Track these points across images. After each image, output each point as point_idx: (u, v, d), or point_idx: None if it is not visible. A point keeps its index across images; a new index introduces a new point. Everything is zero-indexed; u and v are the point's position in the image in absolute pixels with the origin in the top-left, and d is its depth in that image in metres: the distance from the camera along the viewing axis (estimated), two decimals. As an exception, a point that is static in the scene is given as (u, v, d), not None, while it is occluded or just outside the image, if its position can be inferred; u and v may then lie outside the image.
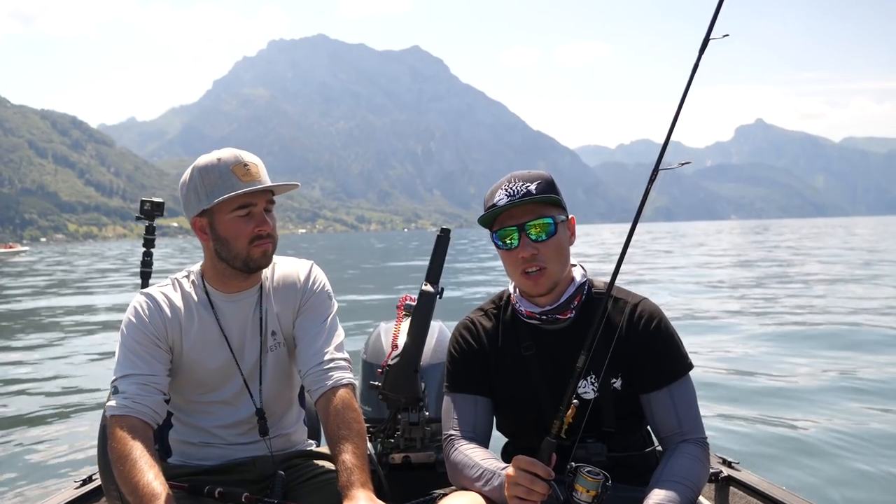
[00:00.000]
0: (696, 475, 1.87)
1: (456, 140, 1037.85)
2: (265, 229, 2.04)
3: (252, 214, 2.02)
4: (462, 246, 61.76)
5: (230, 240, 2.03)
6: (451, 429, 2.06)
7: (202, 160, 2.03)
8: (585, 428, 1.90)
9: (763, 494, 2.62)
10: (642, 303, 2.05)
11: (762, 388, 7.47)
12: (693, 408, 1.98)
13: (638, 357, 1.98)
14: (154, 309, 2.09)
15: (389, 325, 3.09)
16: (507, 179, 1.99)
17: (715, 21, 1.80)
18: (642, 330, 2.00)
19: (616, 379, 1.99)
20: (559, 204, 1.99)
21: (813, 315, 13.40)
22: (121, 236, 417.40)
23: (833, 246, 43.25)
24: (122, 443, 1.89)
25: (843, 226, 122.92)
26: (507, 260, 2.01)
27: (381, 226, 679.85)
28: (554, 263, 1.97)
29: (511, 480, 1.73)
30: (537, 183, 1.96)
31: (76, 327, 15.33)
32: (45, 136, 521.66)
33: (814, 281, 20.44)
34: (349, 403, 2.03)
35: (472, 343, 2.11)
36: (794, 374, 8.01)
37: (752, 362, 8.88)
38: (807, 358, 9.00)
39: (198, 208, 2.02)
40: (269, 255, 2.08)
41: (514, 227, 1.95)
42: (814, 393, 7.07)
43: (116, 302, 20.45)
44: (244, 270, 2.08)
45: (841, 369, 8.16)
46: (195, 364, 2.12)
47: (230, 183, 1.98)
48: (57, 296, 24.37)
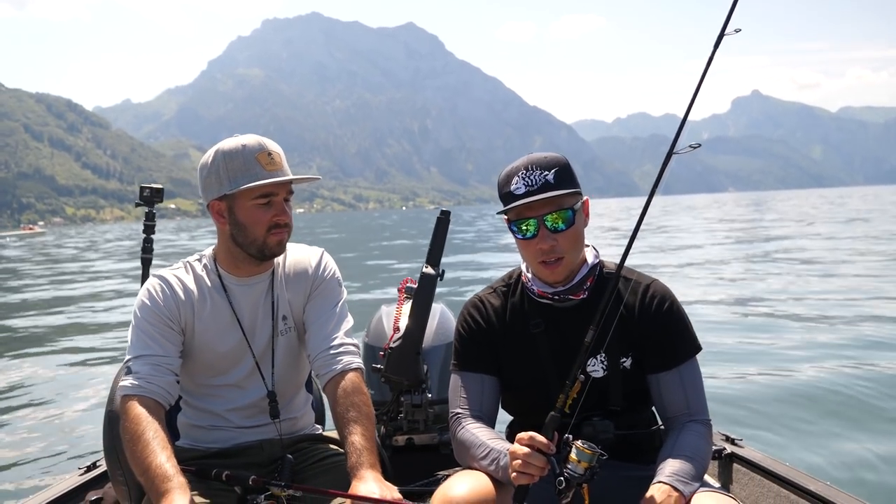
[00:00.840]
0: (704, 452, 1.91)
1: (452, 117, 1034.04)
2: (283, 219, 2.06)
3: (272, 203, 2.04)
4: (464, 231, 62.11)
5: (248, 226, 2.05)
6: (457, 407, 2.08)
7: (227, 144, 2.05)
8: (593, 406, 1.93)
9: (766, 470, 2.64)
10: (654, 284, 2.06)
11: (766, 362, 7.48)
12: (700, 389, 2.00)
13: (649, 337, 1.99)
14: (167, 291, 2.11)
15: (391, 307, 3.07)
16: (523, 166, 1.97)
17: (729, 20, 1.85)
18: (654, 311, 2.01)
19: (626, 358, 2.00)
20: (578, 191, 1.98)
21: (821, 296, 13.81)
22: (118, 219, 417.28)
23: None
24: (136, 423, 1.90)
25: (841, 196, 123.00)
26: (524, 248, 2.01)
27: (380, 204, 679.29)
28: (571, 252, 1.98)
29: (511, 455, 1.75)
30: (555, 171, 1.95)
31: (83, 312, 15.68)
32: (40, 119, 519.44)
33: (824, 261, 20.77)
34: (358, 387, 2.05)
35: (481, 321, 2.12)
36: (799, 350, 8.04)
37: (756, 336, 8.93)
38: (813, 333, 9.07)
39: (218, 192, 2.04)
40: (284, 243, 2.11)
41: (534, 219, 1.95)
42: (819, 369, 7.05)
43: (125, 288, 20.74)
44: (258, 257, 2.11)
45: (848, 346, 8.16)
46: (206, 346, 2.14)
47: (254, 171, 2.00)
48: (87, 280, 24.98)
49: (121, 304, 16.38)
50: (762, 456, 2.76)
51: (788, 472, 2.57)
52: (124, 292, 18.71)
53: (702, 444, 1.91)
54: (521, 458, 1.72)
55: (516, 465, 1.73)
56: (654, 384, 2.01)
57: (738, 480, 2.78)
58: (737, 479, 2.79)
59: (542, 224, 1.94)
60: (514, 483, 1.76)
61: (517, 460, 1.73)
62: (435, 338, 2.96)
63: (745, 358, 7.78)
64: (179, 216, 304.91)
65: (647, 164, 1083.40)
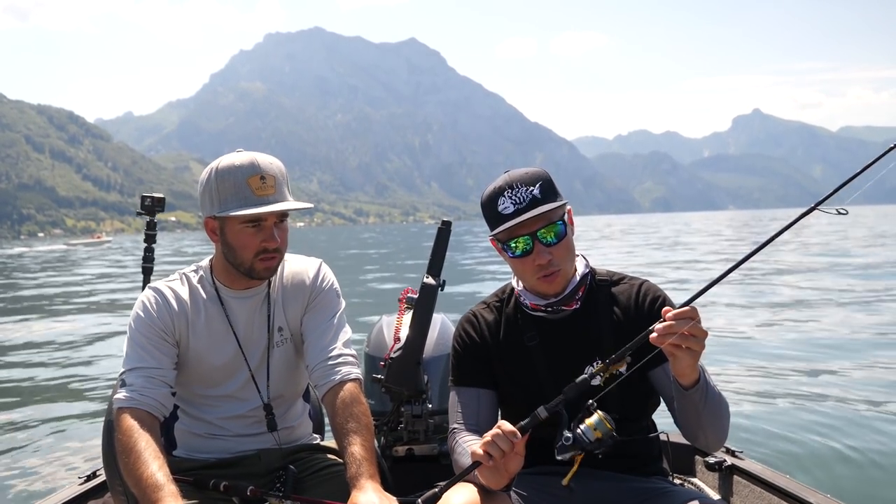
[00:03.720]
0: (723, 400, 1.90)
1: (453, 132, 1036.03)
2: (272, 244, 2.04)
3: (262, 228, 2.03)
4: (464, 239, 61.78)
5: (237, 249, 2.05)
6: (454, 422, 2.08)
7: (222, 162, 2.03)
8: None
9: (767, 483, 2.63)
10: (645, 284, 2.08)
11: (766, 375, 7.41)
12: (705, 372, 1.93)
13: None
14: (162, 303, 2.11)
15: (391, 318, 3.08)
16: (506, 184, 1.97)
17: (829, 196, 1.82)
18: (647, 308, 2.02)
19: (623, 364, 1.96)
20: (563, 201, 2.00)
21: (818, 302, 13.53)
22: (118, 230, 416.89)
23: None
24: (128, 435, 1.90)
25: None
26: (520, 265, 2.00)
27: (380, 219, 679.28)
28: (566, 262, 1.99)
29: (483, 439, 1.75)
30: (539, 185, 1.95)
31: (83, 318, 15.51)
32: (42, 131, 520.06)
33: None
34: (357, 397, 2.05)
35: (475, 336, 2.12)
36: (798, 360, 7.99)
37: (754, 348, 8.89)
38: (810, 344, 9.00)
39: (210, 212, 2.04)
40: (273, 269, 2.10)
41: (527, 236, 1.95)
42: (819, 379, 6.99)
43: (121, 298, 20.55)
44: (249, 277, 2.11)
45: (848, 355, 8.13)
46: (201, 358, 2.13)
47: (243, 195, 1.98)
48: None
49: (123, 315, 15.93)
50: (762, 468, 2.74)
51: (789, 484, 2.56)
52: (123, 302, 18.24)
53: (722, 397, 1.90)
54: (488, 437, 1.72)
55: (482, 444, 1.73)
56: (660, 376, 1.99)
57: (738, 493, 2.77)
58: (737, 492, 2.78)
59: (535, 240, 1.94)
60: (471, 458, 1.76)
61: (484, 440, 1.73)
62: (435, 348, 2.97)
63: (746, 368, 7.76)
64: (180, 229, 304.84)
65: (648, 181, 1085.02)
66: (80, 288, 24.87)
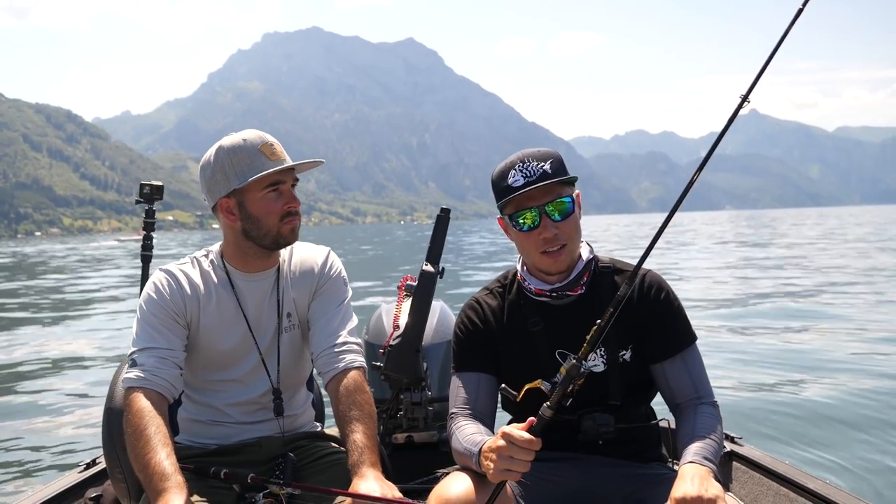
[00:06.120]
0: (719, 433, 1.92)
1: (451, 132, 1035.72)
2: (295, 205, 2.09)
3: (281, 192, 2.07)
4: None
5: (262, 217, 2.06)
6: (454, 406, 2.08)
7: (227, 141, 2.06)
8: (593, 400, 1.95)
9: (766, 469, 2.65)
10: (648, 274, 2.07)
11: (765, 361, 7.45)
12: (704, 373, 2.02)
13: (649, 327, 2.01)
14: (173, 285, 2.12)
15: (390, 305, 3.07)
16: (518, 160, 1.99)
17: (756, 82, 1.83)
18: (652, 300, 2.03)
19: (625, 351, 2.01)
20: (570, 181, 2.01)
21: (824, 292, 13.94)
22: (116, 230, 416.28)
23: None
24: (139, 417, 1.90)
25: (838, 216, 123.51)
26: (524, 240, 2.01)
27: (377, 218, 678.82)
28: (573, 240, 2.00)
29: (490, 452, 1.74)
30: (550, 162, 1.97)
31: (82, 307, 15.93)
32: (39, 129, 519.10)
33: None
34: (360, 385, 2.05)
35: (478, 322, 2.12)
36: (798, 349, 8.03)
37: (754, 335, 9.02)
38: (811, 333, 9.15)
39: (226, 188, 2.04)
40: (297, 230, 2.13)
41: (535, 209, 1.96)
42: (820, 367, 7.04)
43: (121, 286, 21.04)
44: (272, 248, 2.12)
45: (848, 343, 8.17)
46: (211, 341, 2.14)
47: (260, 162, 2.02)
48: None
49: (125, 306, 16.39)
50: (762, 454, 2.77)
51: (788, 470, 2.58)
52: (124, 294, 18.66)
53: (717, 426, 1.92)
54: (499, 453, 1.70)
55: (497, 465, 1.70)
56: (659, 373, 2.02)
57: (737, 479, 2.79)
58: (736, 478, 2.79)
59: (543, 213, 1.95)
60: (491, 480, 1.74)
61: (495, 460, 1.71)
62: (435, 335, 2.96)
63: (746, 355, 7.79)
64: (177, 228, 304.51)
65: (645, 181, 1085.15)
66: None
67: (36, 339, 12.08)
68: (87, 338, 11.92)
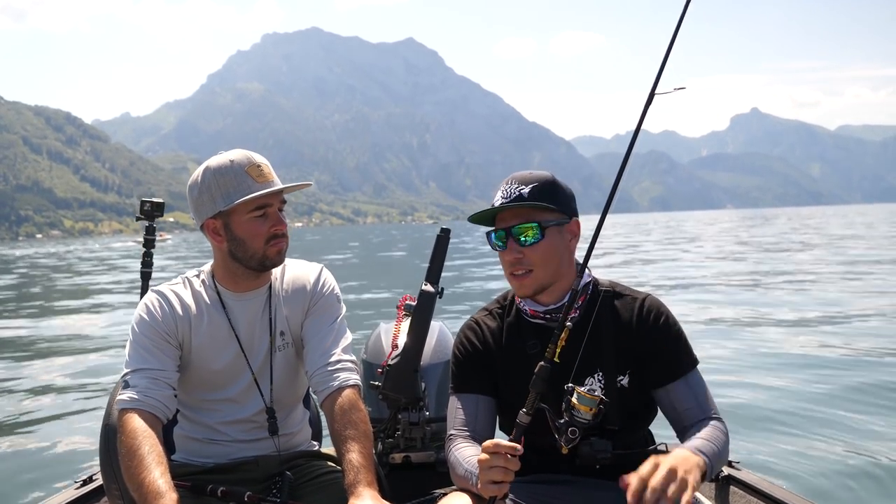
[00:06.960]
0: (723, 442, 1.90)
1: (451, 132, 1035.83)
2: (280, 228, 2.08)
3: (267, 215, 2.05)
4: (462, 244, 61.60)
5: (247, 240, 2.05)
6: (452, 428, 2.07)
7: (214, 162, 2.05)
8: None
9: (763, 493, 2.63)
10: (648, 298, 2.06)
11: (762, 386, 7.38)
12: (709, 393, 2.00)
13: (648, 352, 1.99)
14: (165, 306, 2.12)
15: (389, 325, 3.08)
16: (506, 181, 2.00)
17: (660, 77, 1.86)
18: (651, 325, 2.01)
19: (623, 376, 2.00)
20: (554, 208, 1.97)
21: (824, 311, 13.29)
22: (116, 232, 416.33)
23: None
24: (132, 437, 1.90)
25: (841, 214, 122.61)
26: (501, 260, 2.03)
27: (378, 219, 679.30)
28: (541, 268, 1.97)
29: (479, 464, 1.75)
30: (532, 186, 1.95)
31: (82, 323, 15.24)
32: (39, 132, 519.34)
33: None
34: (355, 404, 2.04)
35: (477, 343, 2.12)
36: (795, 374, 7.89)
37: (751, 358, 8.79)
38: (810, 356, 8.84)
39: (212, 210, 2.04)
40: (283, 253, 2.12)
41: (503, 231, 1.98)
42: (817, 393, 6.96)
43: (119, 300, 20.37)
44: (258, 269, 2.12)
45: (846, 367, 8.04)
46: (204, 361, 2.14)
47: (246, 185, 2.00)
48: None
49: (124, 318, 15.68)
50: (759, 479, 2.76)
51: (785, 495, 2.56)
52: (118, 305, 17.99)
53: (721, 435, 1.90)
54: (481, 465, 1.71)
55: (482, 476, 1.72)
56: (664, 397, 2.01)
57: (735, 503, 2.79)
58: (734, 502, 2.79)
59: (510, 235, 1.96)
60: (483, 495, 1.74)
61: (479, 473, 1.73)
62: (433, 355, 2.98)
63: (744, 380, 7.65)
64: (178, 229, 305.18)
65: (646, 180, 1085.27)
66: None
67: (36, 349, 11.91)
68: (88, 343, 11.81)
